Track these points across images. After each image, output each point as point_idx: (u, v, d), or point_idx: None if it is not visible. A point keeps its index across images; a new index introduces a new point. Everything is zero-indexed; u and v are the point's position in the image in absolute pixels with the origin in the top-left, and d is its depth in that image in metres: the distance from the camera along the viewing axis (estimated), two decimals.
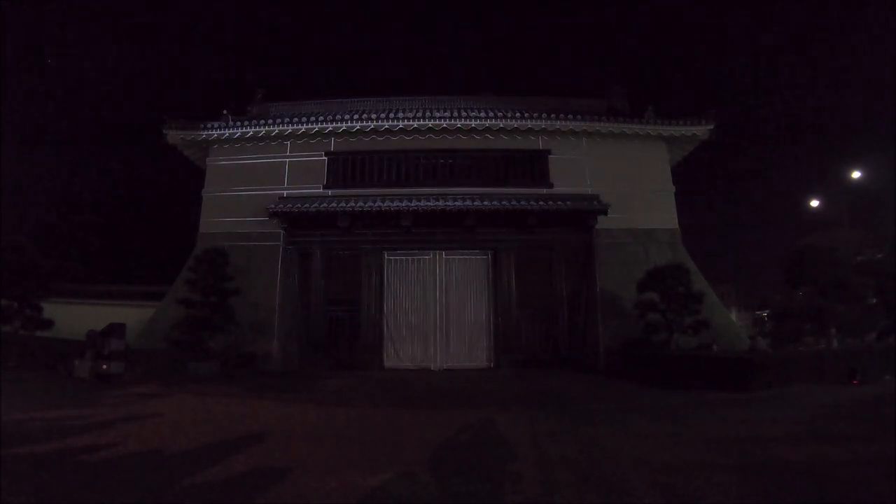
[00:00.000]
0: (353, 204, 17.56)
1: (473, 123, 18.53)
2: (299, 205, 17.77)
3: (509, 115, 18.84)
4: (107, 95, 47.53)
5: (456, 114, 18.90)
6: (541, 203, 17.44)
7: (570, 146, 18.82)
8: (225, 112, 19.08)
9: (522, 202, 17.47)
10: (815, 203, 26.98)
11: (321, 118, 19.00)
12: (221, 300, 15.50)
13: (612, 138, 18.79)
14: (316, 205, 17.67)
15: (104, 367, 11.03)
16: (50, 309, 15.39)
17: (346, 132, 18.70)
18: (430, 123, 18.51)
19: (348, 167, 18.90)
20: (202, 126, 18.86)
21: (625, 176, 18.51)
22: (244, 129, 18.84)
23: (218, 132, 18.88)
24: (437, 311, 18.01)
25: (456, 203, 17.47)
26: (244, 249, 17.63)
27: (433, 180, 18.59)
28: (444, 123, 18.53)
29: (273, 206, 17.67)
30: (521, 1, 56.38)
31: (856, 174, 24.57)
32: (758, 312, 23.01)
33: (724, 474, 4.70)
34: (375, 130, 18.62)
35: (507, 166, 18.80)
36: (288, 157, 18.93)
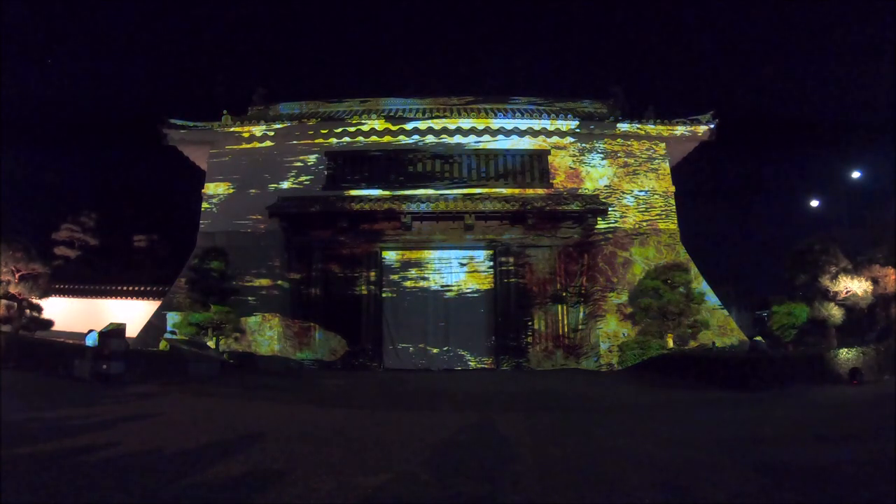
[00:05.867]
0: (353, 204, 17.57)
1: (473, 123, 18.54)
2: (299, 204, 17.77)
3: (509, 115, 18.86)
4: (107, 95, 47.52)
5: (456, 114, 18.91)
6: (541, 203, 17.44)
7: (571, 146, 18.82)
8: (225, 112, 19.08)
9: (522, 202, 17.47)
10: (815, 203, 26.98)
11: (321, 118, 19.02)
12: (221, 300, 15.50)
13: (612, 138, 18.81)
14: (316, 205, 17.67)
15: (104, 367, 11.01)
16: (51, 308, 15.39)
17: (346, 132, 18.70)
18: (430, 123, 18.51)
19: (348, 167, 18.90)
20: (202, 126, 18.86)
21: (625, 176, 18.52)
22: (244, 129, 18.85)
23: (218, 132, 18.88)
24: (437, 312, 17.99)
25: (456, 203, 17.48)
26: (244, 249, 17.62)
27: (433, 180, 18.60)
28: (444, 123, 18.54)
29: (273, 205, 17.66)
30: (522, 1, 56.33)
31: (856, 174, 24.58)
32: (758, 312, 22.97)
33: (724, 474, 4.70)
34: (375, 130, 18.62)
35: (507, 166, 18.81)
36: (288, 156, 18.92)
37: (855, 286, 14.06)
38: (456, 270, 18.35)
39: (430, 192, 18.24)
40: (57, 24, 44.96)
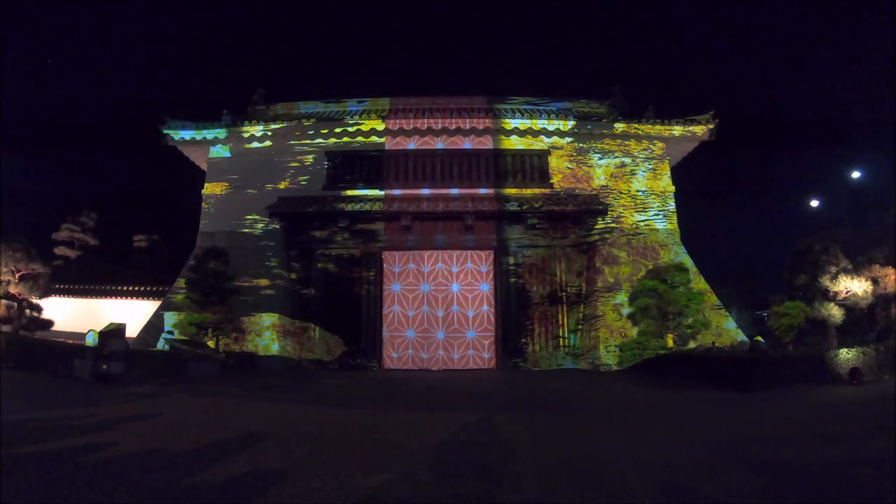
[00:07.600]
0: (353, 204, 17.57)
1: (474, 123, 18.54)
2: (299, 205, 17.77)
3: (510, 115, 18.85)
4: (107, 95, 47.55)
5: (456, 114, 18.91)
6: (540, 203, 17.44)
7: (571, 146, 18.82)
8: (225, 112, 19.08)
9: (522, 202, 17.46)
10: (815, 203, 27.01)
11: (321, 118, 19.02)
12: (221, 300, 15.50)
13: (612, 138, 18.80)
14: (315, 205, 17.66)
15: (104, 367, 11.02)
16: (51, 308, 15.38)
17: (346, 132, 18.70)
18: (430, 123, 18.51)
19: (348, 167, 18.90)
20: (202, 126, 18.85)
21: (625, 176, 18.52)
22: (244, 129, 18.84)
23: (218, 132, 18.87)
24: (437, 312, 18.00)
25: (456, 203, 17.47)
26: (244, 249, 17.62)
27: (433, 180, 18.59)
28: (445, 123, 18.54)
29: (273, 205, 17.66)
30: (521, 1, 56.44)
31: (856, 174, 24.61)
32: (758, 312, 22.98)
33: (724, 474, 4.70)
34: (375, 130, 18.63)
35: (507, 166, 18.80)
36: (288, 156, 18.92)
37: (855, 286, 14.05)
38: (456, 271, 18.36)
39: (429, 192, 18.24)
40: (57, 24, 44.96)
